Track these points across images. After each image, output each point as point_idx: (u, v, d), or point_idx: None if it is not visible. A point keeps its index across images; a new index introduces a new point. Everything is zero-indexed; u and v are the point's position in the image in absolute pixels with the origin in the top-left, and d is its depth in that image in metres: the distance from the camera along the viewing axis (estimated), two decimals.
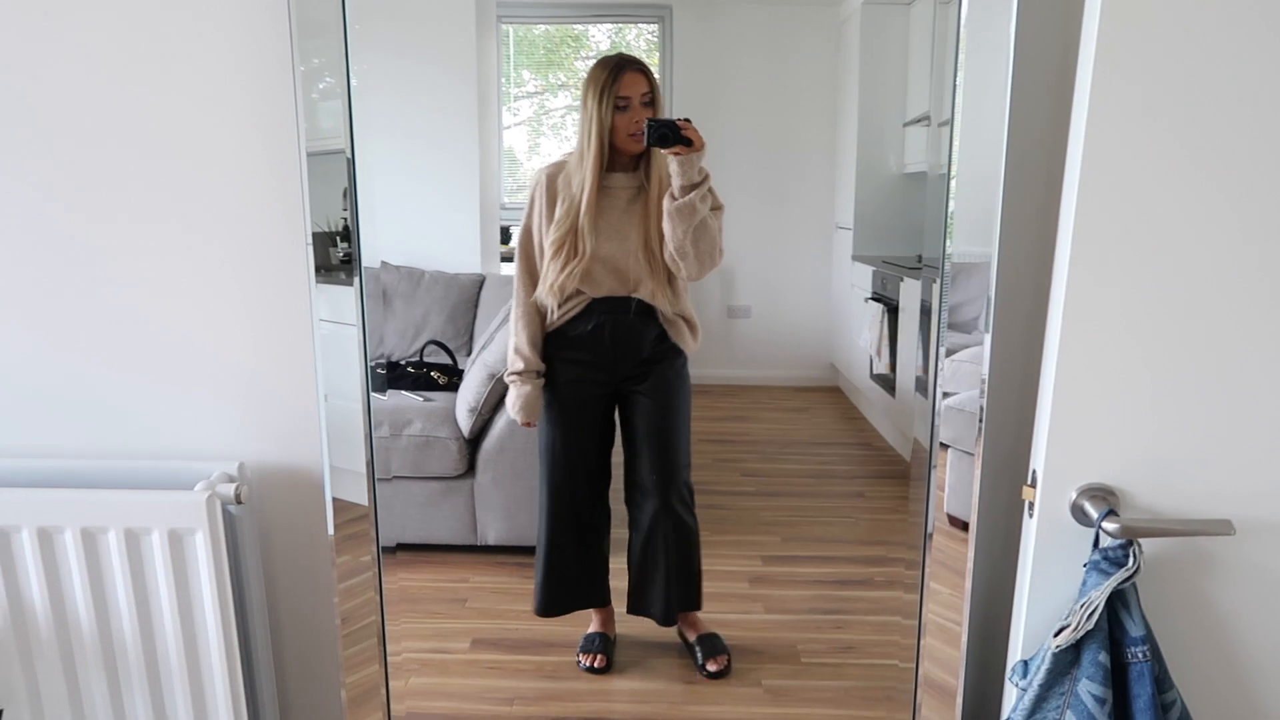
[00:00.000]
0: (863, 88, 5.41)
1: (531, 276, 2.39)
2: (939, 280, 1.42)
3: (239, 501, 1.29)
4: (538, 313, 2.39)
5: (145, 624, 1.28)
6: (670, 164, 2.20)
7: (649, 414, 2.45)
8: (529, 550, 3.13)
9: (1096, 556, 0.98)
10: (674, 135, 2.14)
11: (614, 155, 2.29)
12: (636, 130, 2.22)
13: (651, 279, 2.32)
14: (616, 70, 2.23)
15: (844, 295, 5.80)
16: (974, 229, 1.32)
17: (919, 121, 4.88)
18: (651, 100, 2.26)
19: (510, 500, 3.07)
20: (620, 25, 6.12)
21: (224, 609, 1.27)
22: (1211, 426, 1.03)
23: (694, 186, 2.20)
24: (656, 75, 2.38)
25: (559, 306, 2.36)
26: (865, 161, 5.51)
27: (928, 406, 1.62)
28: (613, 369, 2.42)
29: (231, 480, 1.31)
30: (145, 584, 1.28)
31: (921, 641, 1.58)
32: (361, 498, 1.50)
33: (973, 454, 1.53)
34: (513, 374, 2.45)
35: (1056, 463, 1.02)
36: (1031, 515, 1.05)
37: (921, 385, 1.77)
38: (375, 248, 4.63)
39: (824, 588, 3.00)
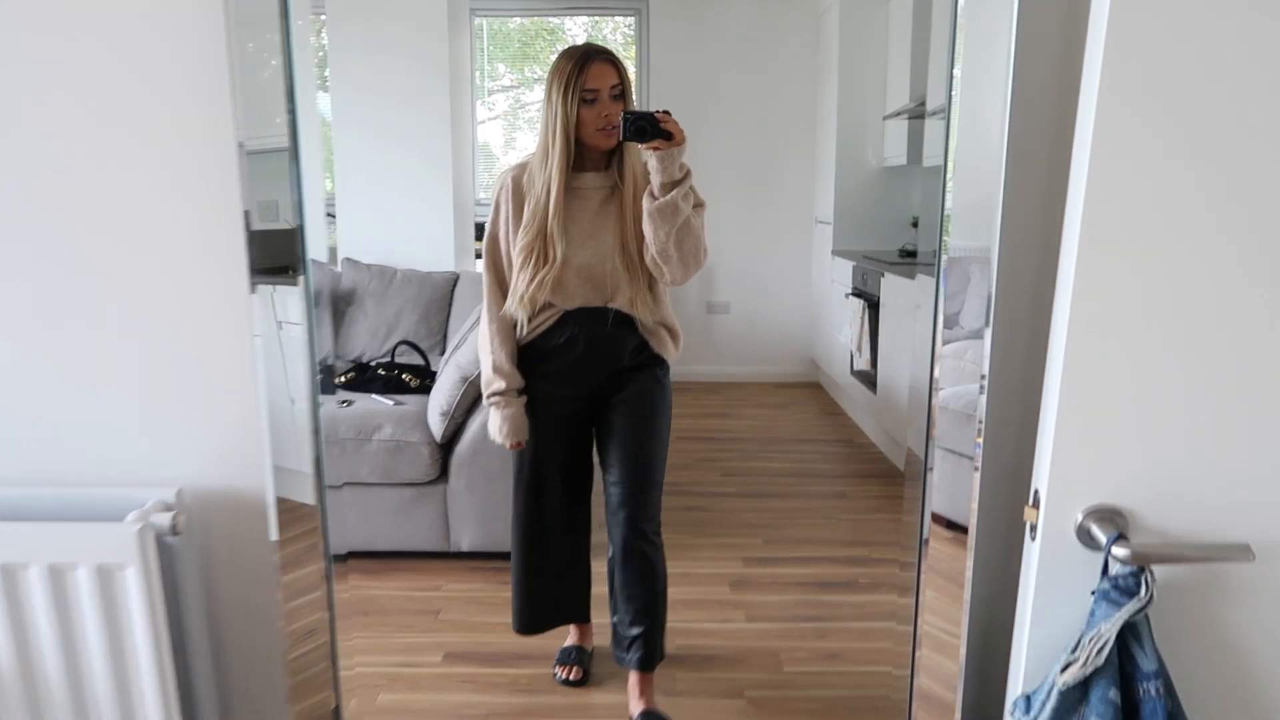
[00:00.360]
0: (842, 81, 5.37)
1: (502, 288, 2.15)
2: (935, 276, 1.34)
3: (176, 532, 1.19)
4: (511, 327, 2.15)
5: (73, 668, 1.18)
6: (649, 160, 1.94)
7: (624, 430, 2.20)
8: (504, 556, 3.04)
9: (1106, 585, 0.91)
10: (652, 129, 1.88)
11: (583, 153, 2.04)
12: (606, 125, 1.98)
13: (630, 286, 2.07)
14: (583, 61, 1.96)
15: (824, 290, 5.76)
16: (966, 222, 1.25)
17: (899, 115, 4.83)
18: (622, 93, 2.00)
19: (484, 505, 2.98)
20: (596, 18, 6.05)
21: (159, 650, 1.17)
22: (1229, 442, 0.96)
23: (675, 184, 1.94)
24: (630, 67, 2.19)
25: (530, 320, 2.11)
26: (845, 155, 5.47)
27: (918, 406, 1.54)
28: (589, 384, 2.18)
29: (168, 509, 1.21)
30: (72, 624, 1.17)
31: (916, 654, 1.50)
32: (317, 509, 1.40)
33: (961, 453, 1.46)
34: (494, 395, 2.16)
35: (1061, 481, 0.95)
36: (1034, 538, 0.98)
37: (911, 383, 1.68)
38: (345, 246, 4.52)
39: (807, 590, 2.93)
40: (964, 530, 1.55)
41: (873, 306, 4.43)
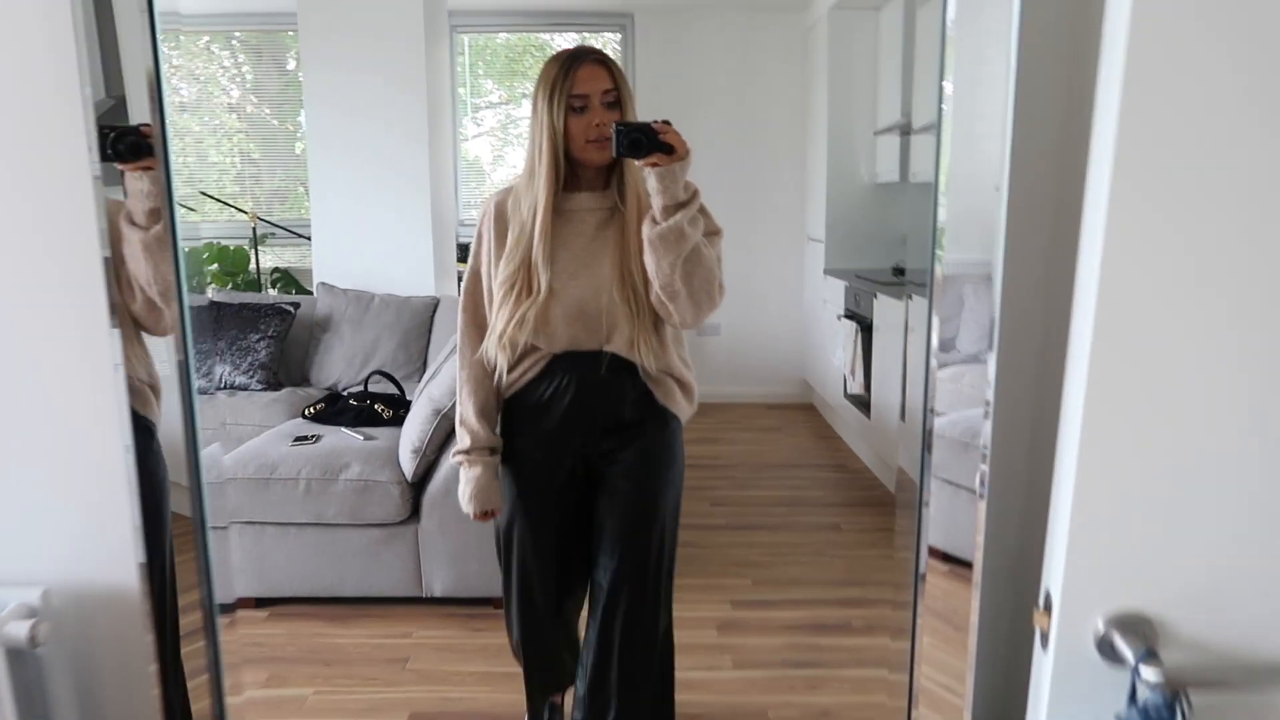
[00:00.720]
0: (832, 96, 5.25)
1: (479, 328, 1.85)
2: (928, 298, 1.20)
3: (36, 645, 1.03)
4: (487, 374, 1.84)
5: None
6: (648, 179, 1.64)
7: (624, 503, 1.85)
8: (478, 601, 2.88)
9: (1133, 713, 0.77)
10: (649, 141, 1.60)
11: (575, 170, 1.77)
12: (599, 136, 1.70)
13: (630, 325, 1.74)
14: (570, 64, 1.70)
15: (816, 310, 5.62)
16: (960, 238, 1.11)
17: (890, 130, 4.70)
18: (617, 100, 1.72)
19: (458, 547, 2.83)
20: (583, 34, 5.93)
21: None
22: (1275, 538, 0.82)
23: (680, 206, 1.64)
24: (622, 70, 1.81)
25: (511, 366, 1.80)
26: (836, 171, 5.34)
27: (910, 433, 1.39)
28: (582, 442, 1.83)
29: (30, 615, 1.05)
30: None
31: (913, 714, 1.35)
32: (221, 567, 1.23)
33: (959, 484, 1.32)
34: (459, 453, 1.86)
35: (1077, 582, 0.81)
36: (1045, 649, 0.84)
37: (903, 409, 1.53)
38: (321, 270, 4.37)
39: (798, 633, 2.78)
40: (963, 564, 1.41)
41: (865, 329, 4.29)
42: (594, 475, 1.87)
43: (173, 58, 5.83)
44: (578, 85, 1.70)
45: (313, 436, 3.03)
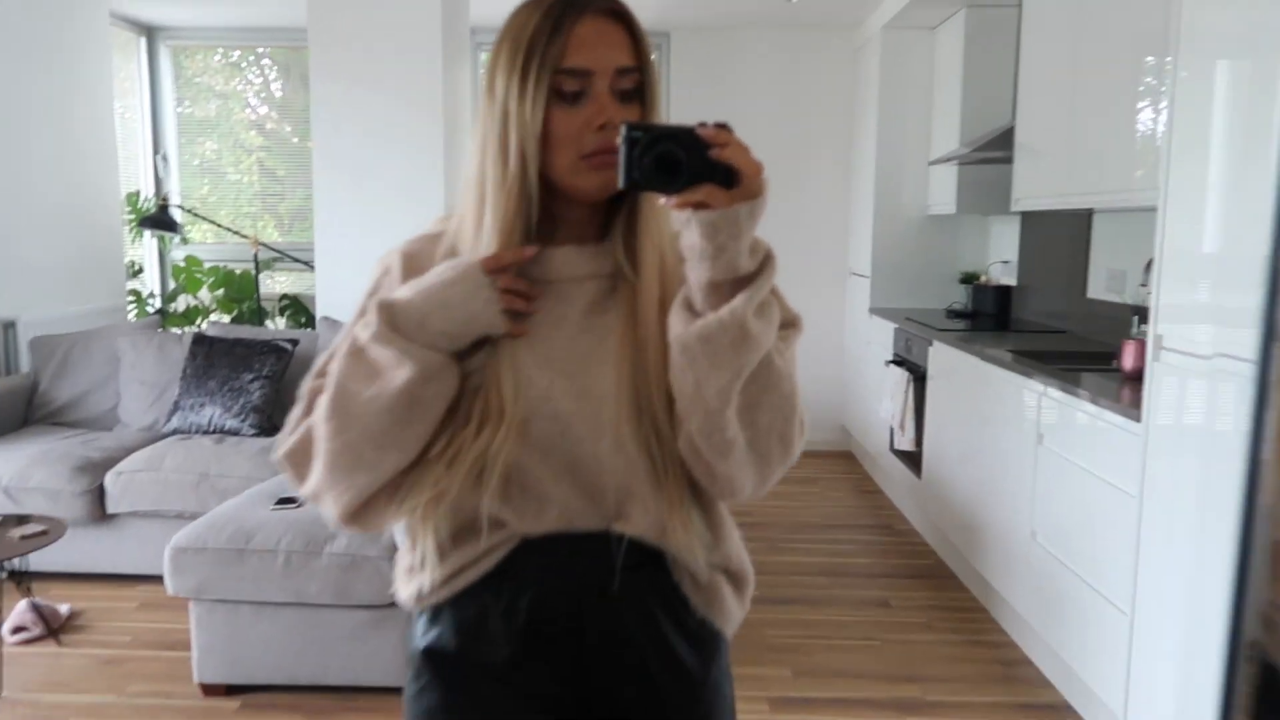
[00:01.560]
0: (882, 121, 4.85)
1: (361, 467, 0.98)
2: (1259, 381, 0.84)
3: None
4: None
5: None
6: (686, 230, 0.92)
7: None
8: None
9: None
10: (692, 161, 0.88)
11: (554, 208, 1.03)
12: (602, 148, 0.96)
13: (655, 488, 1.02)
14: (565, 12, 0.96)
15: (859, 351, 5.22)
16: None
17: (948, 160, 4.33)
18: (639, 87, 0.99)
19: None
20: None
21: None
22: None
23: (743, 282, 0.93)
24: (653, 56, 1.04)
25: (445, 553, 1.03)
26: (884, 201, 4.95)
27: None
28: (578, 693, 1.06)
29: None
30: None
31: None
32: None
33: None
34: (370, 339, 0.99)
35: None
36: None
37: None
38: (325, 303, 4.05)
39: None
40: None
41: (918, 378, 3.89)
42: None
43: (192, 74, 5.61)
44: (573, 52, 0.95)
45: (297, 499, 2.69)
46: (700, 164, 0.88)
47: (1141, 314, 2.74)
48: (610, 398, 1.00)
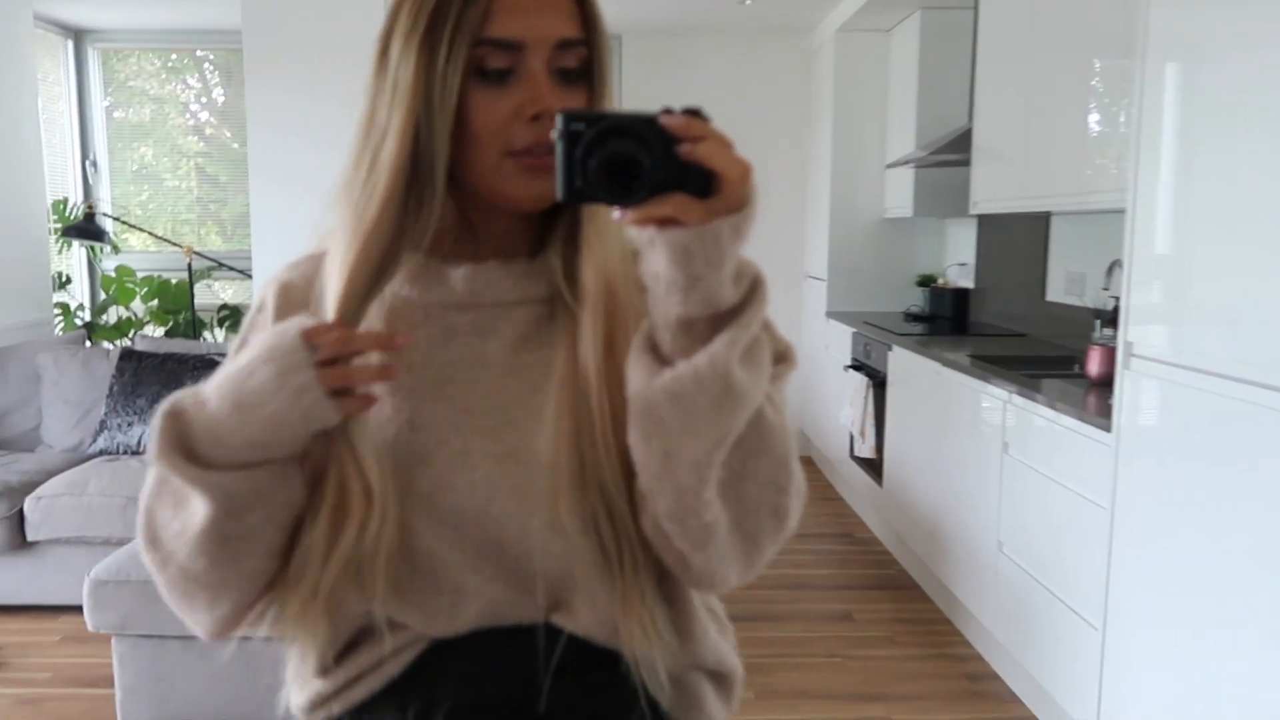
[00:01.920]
0: (837, 125, 4.78)
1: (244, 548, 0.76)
2: None
3: None
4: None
5: None
6: (650, 254, 0.68)
7: None
8: None
9: None
10: (655, 164, 0.65)
11: (474, 215, 0.83)
12: (537, 144, 0.75)
13: (604, 583, 0.78)
14: None
15: (817, 355, 5.14)
16: None
17: (905, 163, 4.27)
18: (587, 65, 0.78)
19: None
20: None
21: None
22: None
23: (727, 317, 0.70)
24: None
25: (340, 654, 0.81)
26: (840, 205, 4.87)
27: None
28: None
29: None
30: None
31: None
32: None
33: None
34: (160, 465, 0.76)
35: None
36: None
37: None
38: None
39: None
40: None
41: (878, 384, 3.83)
42: None
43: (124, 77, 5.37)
44: (500, 17, 0.73)
45: None
46: (666, 166, 0.65)
47: (1103, 317, 2.69)
48: (544, 462, 0.76)
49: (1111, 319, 2.57)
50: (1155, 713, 1.96)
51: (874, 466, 3.94)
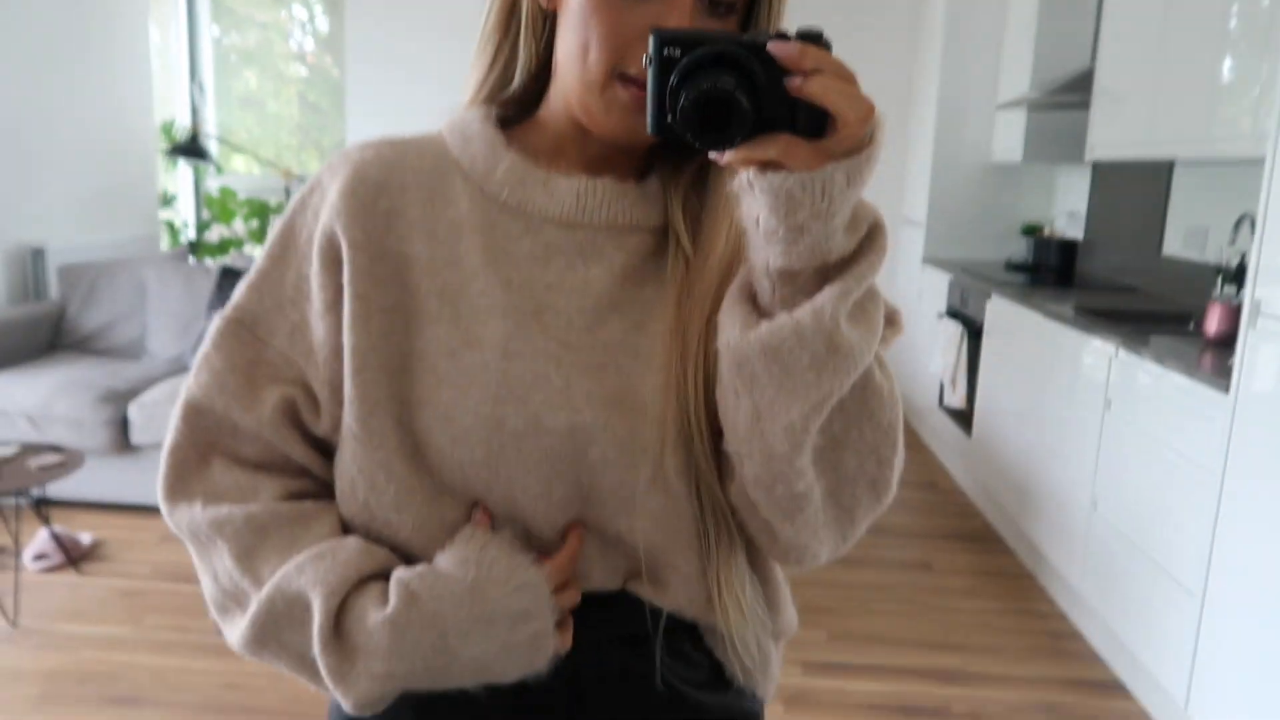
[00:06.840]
0: (946, 61, 4.56)
1: (276, 463, 0.74)
2: None
3: None
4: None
5: None
6: (750, 198, 0.60)
7: None
8: None
9: None
10: (763, 101, 0.57)
11: (570, 130, 0.73)
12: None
13: (700, 555, 0.73)
14: None
15: (910, 302, 4.99)
16: None
17: (1016, 104, 4.05)
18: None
19: None
20: None
21: None
22: None
23: (837, 268, 0.62)
24: None
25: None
26: (944, 148, 4.67)
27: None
28: None
29: None
30: None
31: None
32: None
33: None
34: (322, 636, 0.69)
35: None
36: None
37: None
38: None
39: (883, 715, 2.27)
40: None
41: (974, 334, 3.69)
42: None
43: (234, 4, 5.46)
44: None
45: None
46: (772, 102, 0.56)
47: (1225, 274, 2.52)
48: (654, 412, 0.68)
49: (1236, 276, 2.41)
50: (1250, 685, 1.87)
51: (963, 417, 3.82)
